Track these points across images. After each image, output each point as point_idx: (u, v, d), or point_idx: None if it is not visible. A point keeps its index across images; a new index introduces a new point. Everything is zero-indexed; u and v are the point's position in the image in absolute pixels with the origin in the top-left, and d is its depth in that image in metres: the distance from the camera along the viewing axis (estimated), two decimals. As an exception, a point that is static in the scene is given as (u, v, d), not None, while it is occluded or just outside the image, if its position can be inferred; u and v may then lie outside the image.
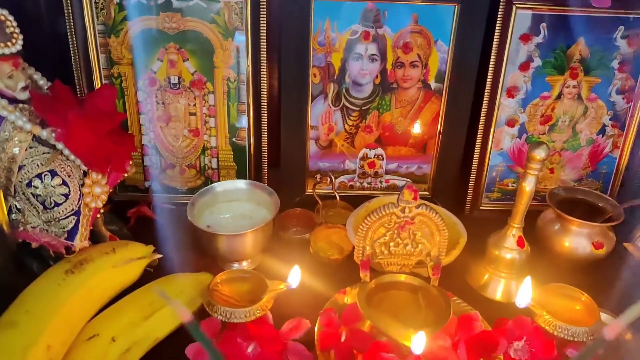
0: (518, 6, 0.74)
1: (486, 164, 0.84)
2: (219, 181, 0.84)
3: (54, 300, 0.57)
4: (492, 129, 0.82)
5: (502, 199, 0.87)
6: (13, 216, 0.63)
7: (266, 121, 0.82)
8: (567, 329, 0.57)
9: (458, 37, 0.77)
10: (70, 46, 0.75)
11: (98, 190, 0.65)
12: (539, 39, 0.76)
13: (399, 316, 0.59)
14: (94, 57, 0.76)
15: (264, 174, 0.85)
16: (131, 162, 0.71)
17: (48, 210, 0.63)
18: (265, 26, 0.76)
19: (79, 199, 0.64)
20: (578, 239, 0.73)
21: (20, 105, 0.62)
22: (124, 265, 0.65)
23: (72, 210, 0.64)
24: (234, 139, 0.83)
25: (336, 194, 0.82)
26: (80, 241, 0.64)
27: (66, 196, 0.63)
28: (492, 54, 0.77)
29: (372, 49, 0.78)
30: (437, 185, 0.87)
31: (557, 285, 0.63)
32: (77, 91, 0.78)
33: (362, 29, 0.77)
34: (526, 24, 0.75)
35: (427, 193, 0.87)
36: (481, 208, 0.87)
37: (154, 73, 0.78)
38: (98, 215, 0.69)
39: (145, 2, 0.74)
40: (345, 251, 0.74)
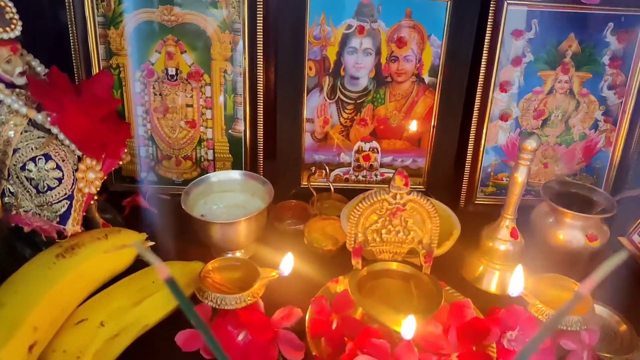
0: (509, 2, 0.75)
1: (480, 158, 0.85)
2: (215, 172, 0.84)
3: (43, 282, 0.57)
4: (486, 123, 0.82)
5: (497, 194, 0.87)
6: (6, 199, 0.64)
7: (262, 113, 0.82)
8: (560, 318, 0.57)
9: (451, 32, 0.78)
10: (70, 37, 0.77)
11: (92, 175, 0.65)
12: (531, 35, 0.77)
13: (391, 304, 0.59)
14: (93, 48, 0.78)
15: (260, 166, 0.85)
16: (126, 150, 0.71)
17: (41, 194, 0.63)
18: (262, 20, 0.77)
19: (73, 184, 0.64)
20: (572, 232, 0.73)
21: (17, 90, 0.63)
22: (116, 251, 0.65)
23: (65, 194, 0.64)
24: (230, 131, 0.84)
25: (331, 186, 0.83)
26: (72, 226, 0.64)
27: (59, 180, 0.63)
28: (485, 49, 0.78)
29: (367, 43, 0.79)
30: (432, 179, 0.87)
31: (550, 275, 0.62)
32: (76, 82, 0.79)
33: (357, 24, 0.78)
34: (517, 20, 0.76)
35: (422, 187, 0.88)
36: (476, 202, 0.88)
37: (152, 65, 0.79)
38: (92, 202, 0.69)
39: (144, -5, 0.75)
40: (339, 242, 0.74)
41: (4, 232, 0.64)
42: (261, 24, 0.77)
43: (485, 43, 0.77)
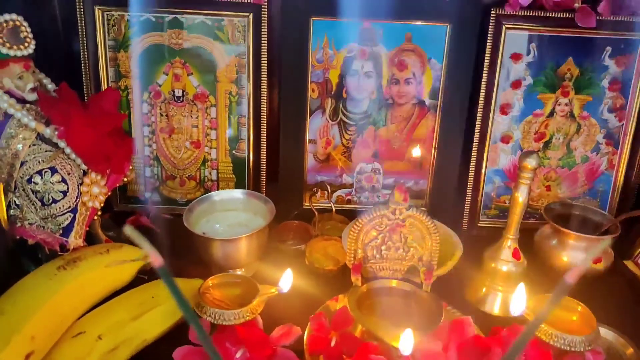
0: (507, 26, 0.77)
1: (482, 181, 0.85)
2: (218, 192, 0.85)
3: (43, 292, 0.57)
4: (487, 145, 0.83)
5: (500, 216, 0.87)
6: (11, 212, 0.65)
7: (265, 134, 0.84)
8: (564, 338, 0.56)
9: (451, 56, 0.80)
10: (81, 59, 0.79)
11: (96, 190, 0.66)
12: (529, 58, 0.79)
13: (390, 320, 0.58)
14: (103, 71, 0.80)
15: (263, 187, 0.86)
16: (131, 167, 0.72)
17: (46, 206, 0.64)
18: (266, 43, 0.80)
19: (77, 197, 0.66)
20: (575, 253, 0.72)
21: (27, 105, 0.65)
22: (117, 265, 0.65)
23: (69, 207, 0.65)
24: (234, 152, 0.85)
25: (332, 205, 0.83)
26: (74, 238, 0.65)
27: (64, 193, 0.64)
28: (484, 72, 0.79)
29: (368, 66, 0.81)
30: (435, 201, 0.87)
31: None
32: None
33: (359, 47, 0.80)
34: (516, 44, 0.78)
35: (425, 209, 0.87)
36: (479, 225, 0.87)
37: (159, 86, 0.82)
38: (95, 217, 0.70)
39: (153, 20, 0.78)
40: (340, 263, 0.74)
41: (9, 245, 0.65)
42: (265, 48, 0.80)
43: (484, 66, 0.79)
